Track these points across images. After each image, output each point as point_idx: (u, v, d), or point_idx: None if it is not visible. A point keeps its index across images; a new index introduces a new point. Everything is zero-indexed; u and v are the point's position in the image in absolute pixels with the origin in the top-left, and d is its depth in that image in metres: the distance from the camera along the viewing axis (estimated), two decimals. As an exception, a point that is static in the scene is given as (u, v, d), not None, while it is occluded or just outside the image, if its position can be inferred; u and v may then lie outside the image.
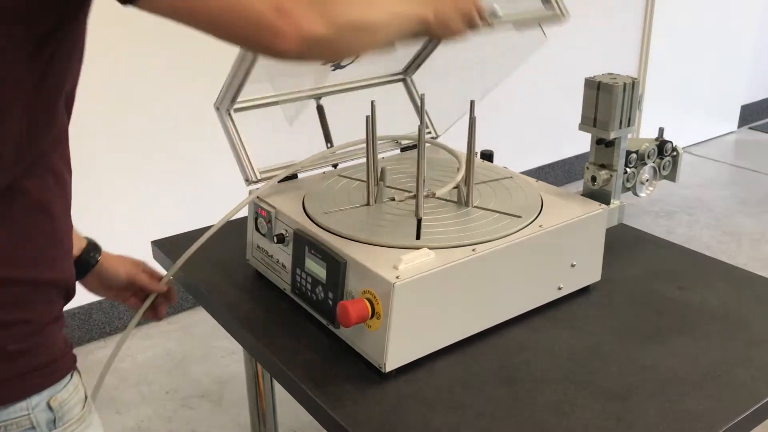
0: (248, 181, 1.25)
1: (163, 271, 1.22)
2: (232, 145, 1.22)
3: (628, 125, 1.21)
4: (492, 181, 1.27)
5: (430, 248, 1.02)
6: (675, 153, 1.34)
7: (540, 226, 1.09)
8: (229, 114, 1.21)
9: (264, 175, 1.25)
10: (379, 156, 1.24)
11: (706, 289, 1.24)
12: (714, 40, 4.08)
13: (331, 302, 1.07)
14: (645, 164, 1.31)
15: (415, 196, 1.09)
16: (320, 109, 1.32)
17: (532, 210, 1.16)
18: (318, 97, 1.31)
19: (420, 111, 1.30)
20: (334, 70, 1.14)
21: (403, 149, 1.45)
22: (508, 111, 3.16)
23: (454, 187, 1.16)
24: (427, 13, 0.87)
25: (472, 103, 1.15)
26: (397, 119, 1.38)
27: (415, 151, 1.25)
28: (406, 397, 0.98)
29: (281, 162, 1.28)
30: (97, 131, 2.27)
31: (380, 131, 1.21)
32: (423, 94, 1.31)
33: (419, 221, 1.08)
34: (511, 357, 1.06)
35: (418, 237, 1.06)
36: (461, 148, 1.22)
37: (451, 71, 1.41)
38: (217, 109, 1.21)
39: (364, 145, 1.21)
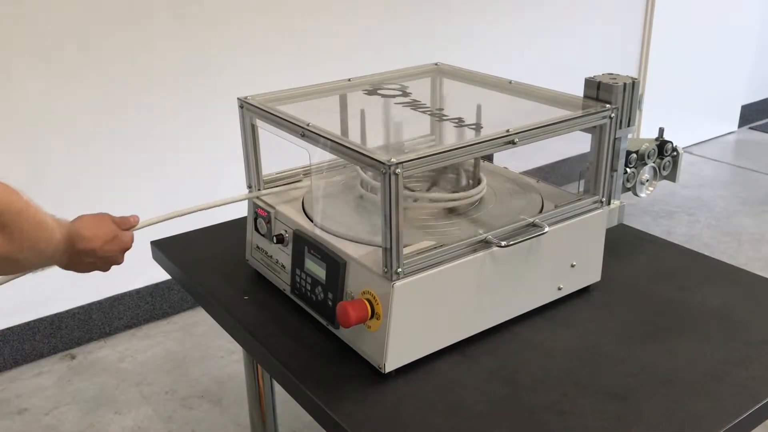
0: (251, 188, 1.26)
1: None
2: (246, 154, 1.24)
3: (628, 125, 1.21)
4: (492, 182, 1.27)
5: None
6: (675, 153, 1.34)
7: (540, 227, 1.09)
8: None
9: (268, 186, 1.27)
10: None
11: (706, 289, 1.24)
12: (714, 40, 4.07)
13: (330, 303, 1.07)
14: (645, 164, 1.31)
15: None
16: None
17: (533, 210, 1.16)
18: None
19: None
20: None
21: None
22: (508, 111, 3.15)
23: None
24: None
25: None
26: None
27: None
28: (406, 397, 0.98)
29: (286, 167, 1.28)
30: (98, 131, 2.27)
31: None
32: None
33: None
34: (511, 357, 1.06)
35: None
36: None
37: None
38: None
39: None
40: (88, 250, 1.00)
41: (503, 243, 1.03)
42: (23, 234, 0.83)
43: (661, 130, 1.35)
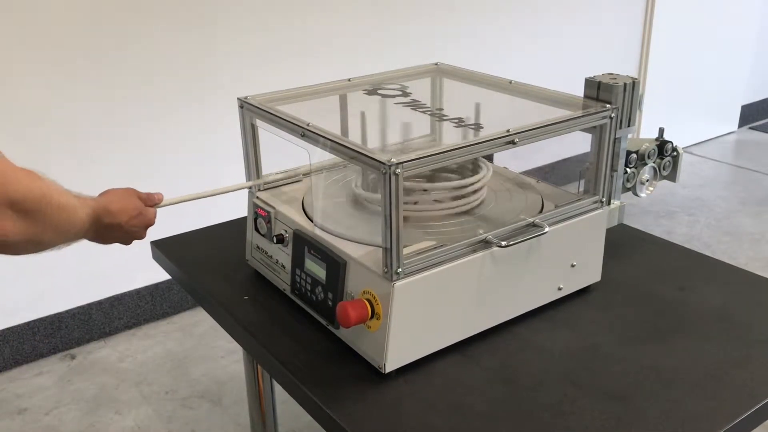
0: (251, 188, 1.26)
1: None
2: (246, 153, 1.24)
3: (628, 125, 1.21)
4: (492, 182, 1.27)
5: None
6: (675, 153, 1.34)
7: (540, 227, 1.09)
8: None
9: (268, 185, 1.27)
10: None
11: (706, 289, 1.24)
12: (714, 40, 4.07)
13: (330, 303, 1.07)
14: (645, 164, 1.31)
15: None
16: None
17: (533, 210, 1.16)
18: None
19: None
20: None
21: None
22: (508, 111, 3.15)
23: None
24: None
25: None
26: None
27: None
28: (406, 397, 0.98)
29: (286, 167, 1.28)
30: (97, 131, 2.27)
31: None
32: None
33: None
34: (511, 357, 1.06)
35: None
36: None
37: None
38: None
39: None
40: (114, 224, 1.04)
41: (503, 243, 1.03)
42: (46, 218, 0.87)
43: (661, 130, 1.35)
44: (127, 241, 1.09)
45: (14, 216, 0.82)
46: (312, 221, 1.15)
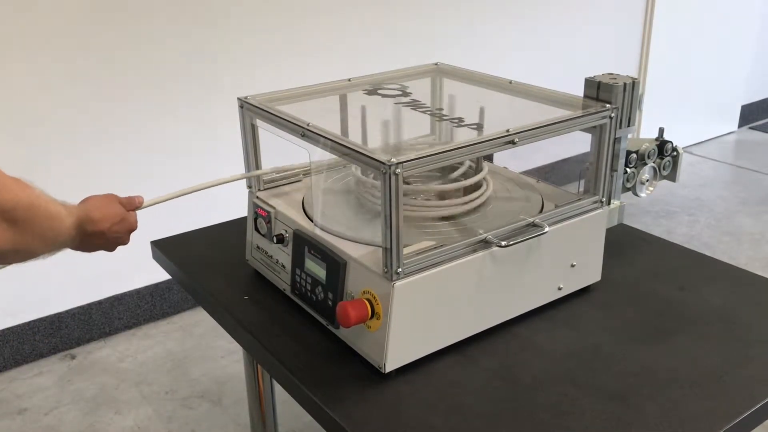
0: (251, 188, 1.26)
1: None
2: (246, 153, 1.24)
3: (628, 125, 1.21)
4: (492, 182, 1.27)
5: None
6: (675, 153, 1.34)
7: (540, 227, 1.09)
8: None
9: (268, 185, 1.27)
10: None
11: (706, 289, 1.24)
12: (714, 40, 4.07)
13: (330, 303, 1.07)
14: (645, 164, 1.31)
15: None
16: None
17: (533, 210, 1.16)
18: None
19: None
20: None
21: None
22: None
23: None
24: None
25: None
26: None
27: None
28: (406, 397, 0.98)
29: (286, 165, 1.28)
30: (97, 132, 2.27)
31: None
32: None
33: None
34: (511, 357, 1.06)
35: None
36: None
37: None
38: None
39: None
40: (98, 232, 1.03)
41: (503, 243, 1.03)
42: (35, 226, 0.86)
43: (661, 130, 1.35)
44: (110, 248, 1.08)
45: (3, 225, 0.81)
46: (312, 221, 1.15)
